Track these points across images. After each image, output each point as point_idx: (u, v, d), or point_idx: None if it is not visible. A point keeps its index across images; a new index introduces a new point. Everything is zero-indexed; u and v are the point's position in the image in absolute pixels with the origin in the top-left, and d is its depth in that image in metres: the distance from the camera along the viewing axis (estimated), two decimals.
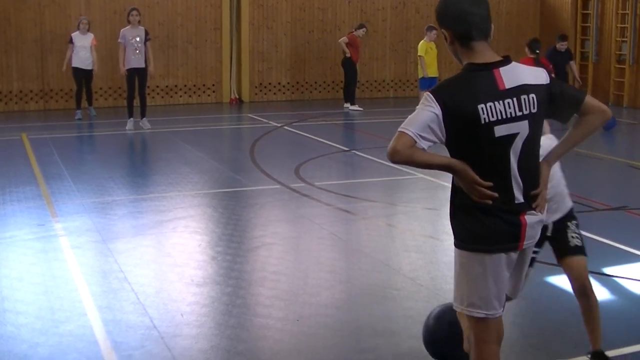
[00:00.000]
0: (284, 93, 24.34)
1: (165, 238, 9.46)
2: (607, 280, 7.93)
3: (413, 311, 6.96)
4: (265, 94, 24.07)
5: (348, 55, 21.84)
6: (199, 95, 23.42)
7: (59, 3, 21.44)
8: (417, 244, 9.04)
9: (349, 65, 22.03)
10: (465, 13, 4.19)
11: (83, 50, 19.20)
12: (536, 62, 17.51)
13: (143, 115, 18.06)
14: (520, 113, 4.12)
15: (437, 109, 4.07)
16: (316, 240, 9.44)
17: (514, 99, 4.11)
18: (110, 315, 6.89)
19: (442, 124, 4.08)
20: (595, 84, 24.94)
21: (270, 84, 24.12)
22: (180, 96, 23.20)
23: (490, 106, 4.07)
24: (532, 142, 4.19)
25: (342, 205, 10.90)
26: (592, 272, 8.01)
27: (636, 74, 23.44)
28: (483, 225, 4.23)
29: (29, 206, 10.88)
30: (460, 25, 4.23)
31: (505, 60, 4.27)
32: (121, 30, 18.03)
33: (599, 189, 12.59)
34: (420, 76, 21.25)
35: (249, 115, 21.15)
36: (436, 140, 4.11)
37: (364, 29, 22.39)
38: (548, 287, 7.72)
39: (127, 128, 17.81)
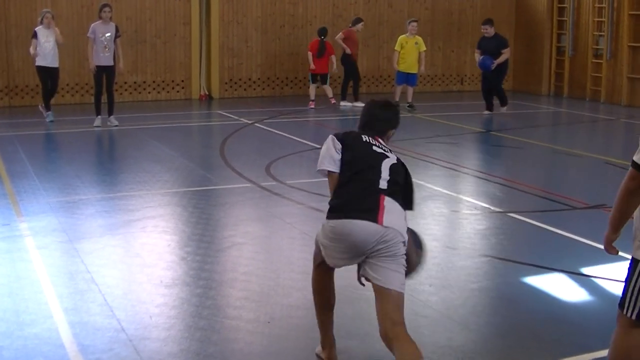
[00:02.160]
0: (254, 89, 24.30)
1: (134, 238, 9.42)
2: (585, 281, 7.96)
3: None
4: (235, 90, 24.02)
5: (348, 52, 21.79)
6: (168, 92, 23.34)
7: None
8: None
9: (348, 62, 21.99)
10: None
11: (48, 47, 18.50)
12: (320, 45, 21.59)
13: (111, 113, 17.96)
14: (387, 150, 5.69)
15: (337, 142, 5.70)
16: (287, 239, 9.44)
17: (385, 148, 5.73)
18: (76, 317, 6.85)
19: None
20: (572, 79, 25.09)
21: (240, 79, 24.07)
22: (149, 92, 23.11)
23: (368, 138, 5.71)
24: (397, 168, 5.60)
25: (313, 204, 10.88)
26: (570, 272, 8.08)
27: (613, 68, 23.58)
28: None
29: None
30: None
31: None
32: (92, 24, 17.88)
33: (576, 187, 12.65)
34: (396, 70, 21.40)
35: (219, 112, 21.10)
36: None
37: (362, 22, 22.35)
38: (524, 288, 7.74)
39: (94, 125, 17.71)
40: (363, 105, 6.07)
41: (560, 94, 25.29)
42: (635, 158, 4.44)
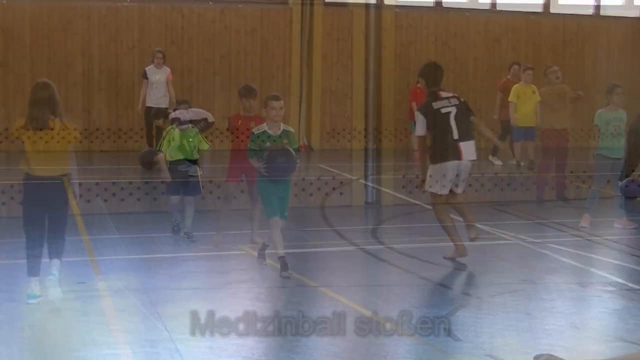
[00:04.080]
0: (359, 140, 24.24)
1: (223, 304, 9.39)
2: None
3: None
4: (338, 141, 23.96)
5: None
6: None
7: (109, 31, 21.73)
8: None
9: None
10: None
11: (158, 87, 19.15)
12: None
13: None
14: (450, 104, 11.18)
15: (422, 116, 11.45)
16: (395, 313, 9.29)
17: (447, 99, 11.26)
18: None
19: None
20: None
21: (344, 130, 24.03)
22: (242, 140, 23.23)
23: (438, 102, 11.28)
24: (460, 115, 11.14)
25: (425, 274, 10.78)
26: None
27: None
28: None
29: (69, 260, 10.87)
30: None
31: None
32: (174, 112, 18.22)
33: None
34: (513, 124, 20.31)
35: (319, 165, 21.14)
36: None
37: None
38: None
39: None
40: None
41: None
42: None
